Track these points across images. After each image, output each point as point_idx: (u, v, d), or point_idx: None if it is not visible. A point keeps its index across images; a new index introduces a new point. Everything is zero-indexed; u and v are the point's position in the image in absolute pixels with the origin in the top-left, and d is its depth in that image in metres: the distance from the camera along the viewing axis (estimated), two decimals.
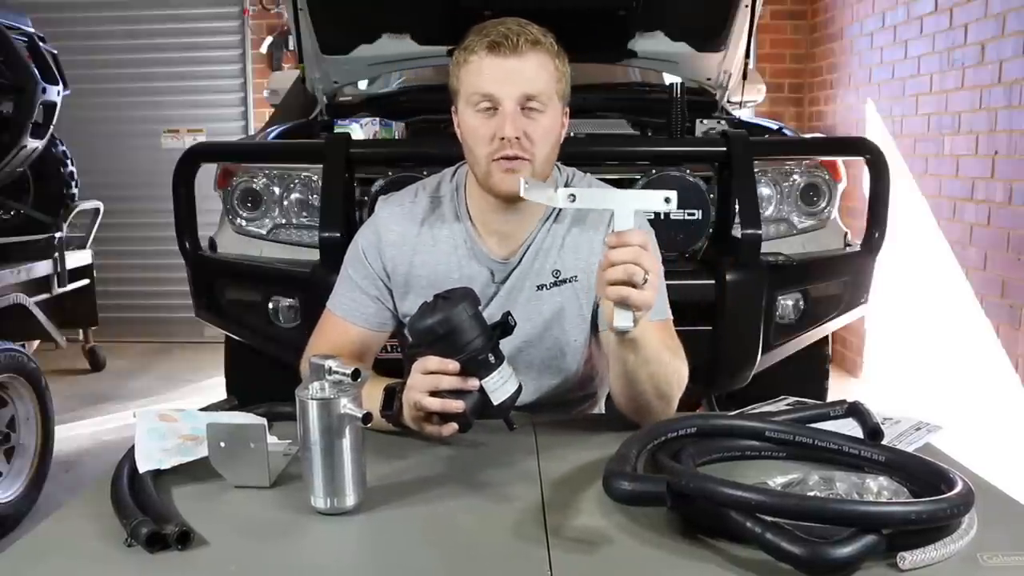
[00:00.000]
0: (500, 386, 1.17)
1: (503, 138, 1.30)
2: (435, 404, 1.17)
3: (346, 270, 1.49)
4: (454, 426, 1.19)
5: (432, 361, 1.16)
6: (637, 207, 1.14)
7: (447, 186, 1.48)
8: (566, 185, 1.48)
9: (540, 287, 1.44)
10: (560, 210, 1.45)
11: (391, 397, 1.25)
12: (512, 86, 1.30)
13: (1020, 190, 3.10)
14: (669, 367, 1.29)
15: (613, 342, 1.23)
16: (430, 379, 1.17)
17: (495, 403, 1.17)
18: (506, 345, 1.22)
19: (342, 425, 1.02)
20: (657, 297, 1.40)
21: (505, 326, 1.19)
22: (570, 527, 1.01)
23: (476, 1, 2.45)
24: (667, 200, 1.11)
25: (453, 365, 1.15)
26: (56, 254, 3.64)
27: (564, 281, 1.44)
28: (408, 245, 1.46)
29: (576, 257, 1.44)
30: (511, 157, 1.31)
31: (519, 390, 1.20)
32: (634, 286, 1.09)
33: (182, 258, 2.39)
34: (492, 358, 1.17)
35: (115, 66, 5.51)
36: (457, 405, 1.16)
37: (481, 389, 1.16)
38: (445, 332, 1.15)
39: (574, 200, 1.14)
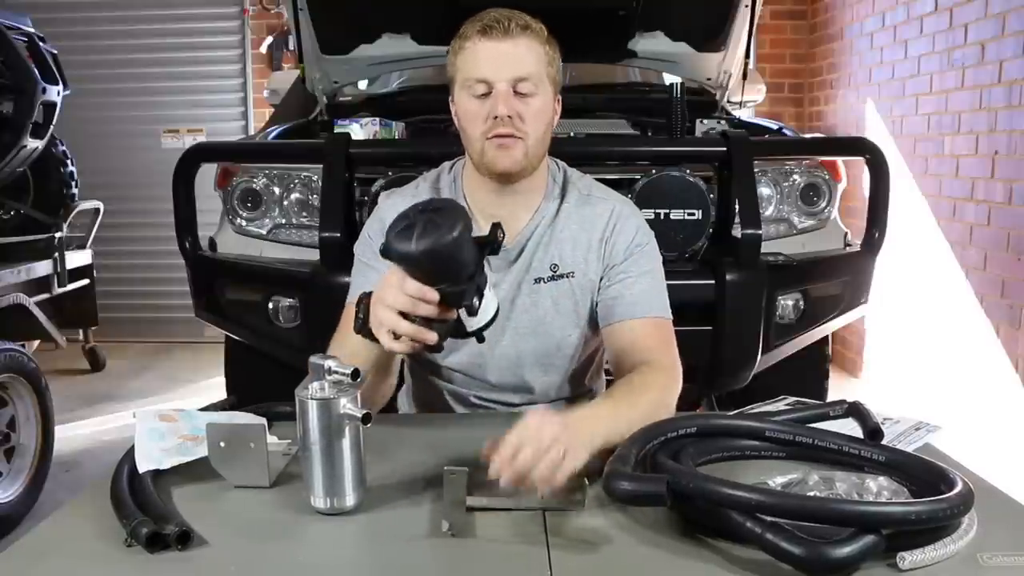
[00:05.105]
0: (479, 314, 1.09)
1: (496, 117, 1.34)
2: (408, 329, 1.09)
3: (359, 260, 1.49)
4: (420, 346, 1.11)
5: (411, 286, 1.08)
6: None
7: (446, 177, 1.52)
8: (564, 183, 1.49)
9: (538, 280, 1.46)
10: (559, 205, 1.47)
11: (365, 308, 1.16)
12: (504, 68, 1.34)
13: (1020, 190, 3.10)
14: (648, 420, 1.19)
15: None
16: (405, 301, 1.08)
17: (470, 330, 1.10)
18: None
19: (342, 425, 1.02)
20: (655, 296, 1.43)
21: (494, 243, 1.09)
22: (570, 527, 1.00)
23: (476, 1, 2.45)
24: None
25: (432, 294, 1.07)
26: (56, 254, 3.64)
27: (561, 276, 1.46)
28: None
29: (573, 252, 1.46)
30: (504, 135, 1.35)
31: (497, 313, 1.14)
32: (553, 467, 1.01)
33: (182, 258, 2.39)
34: (476, 287, 1.07)
35: (115, 66, 5.50)
36: (431, 337, 1.08)
37: (458, 317, 1.09)
38: (430, 262, 1.04)
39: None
